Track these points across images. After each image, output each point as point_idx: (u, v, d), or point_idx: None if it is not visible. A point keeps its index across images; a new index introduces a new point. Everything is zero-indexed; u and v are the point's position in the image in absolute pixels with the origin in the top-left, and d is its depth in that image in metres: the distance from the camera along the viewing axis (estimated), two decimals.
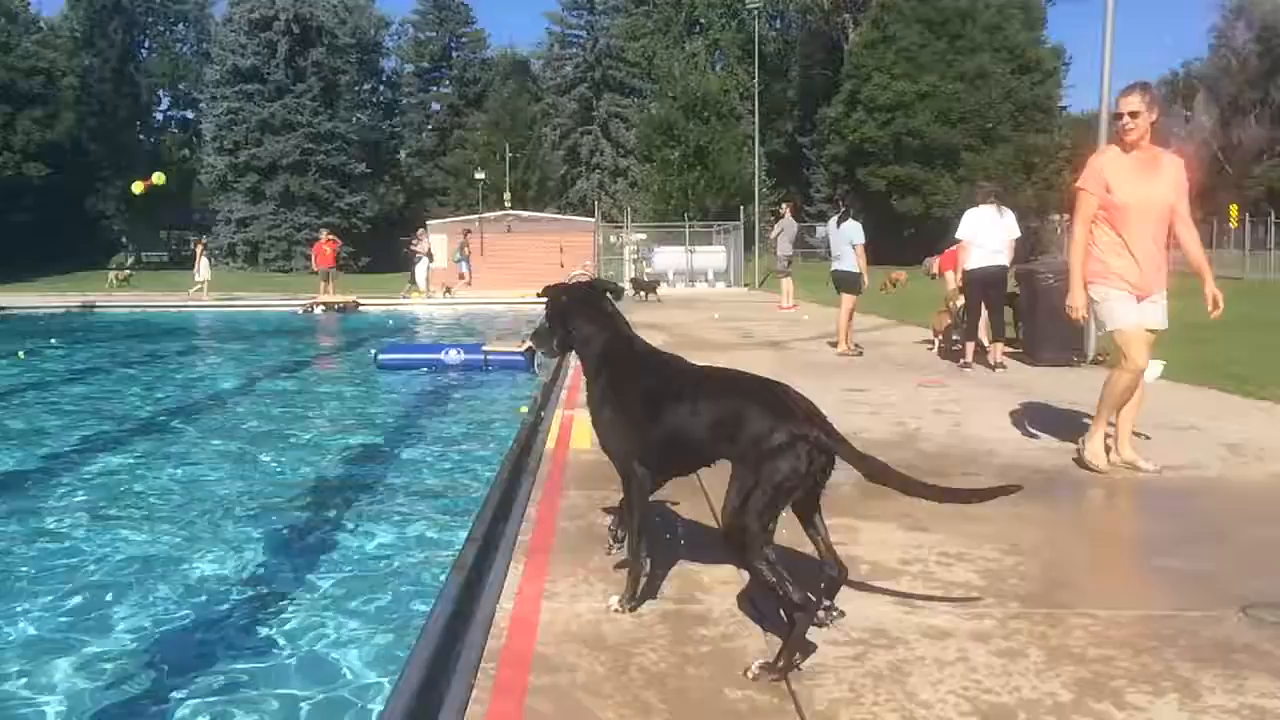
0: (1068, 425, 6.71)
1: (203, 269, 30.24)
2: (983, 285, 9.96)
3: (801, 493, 3.03)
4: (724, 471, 3.10)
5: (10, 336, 17.19)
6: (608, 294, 3.69)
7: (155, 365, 14.62)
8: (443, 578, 4.00)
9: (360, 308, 25.34)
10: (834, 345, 11.89)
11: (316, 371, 14.76)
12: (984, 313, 10.16)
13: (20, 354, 12.38)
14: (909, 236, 41.92)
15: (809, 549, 3.29)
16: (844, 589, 3.53)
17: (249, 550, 5.44)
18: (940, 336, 11.66)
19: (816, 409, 3.09)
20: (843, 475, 5.68)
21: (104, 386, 12.26)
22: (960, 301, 10.78)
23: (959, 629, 3.18)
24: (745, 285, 32.74)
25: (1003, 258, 9.91)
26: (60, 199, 49.07)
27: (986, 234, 9.87)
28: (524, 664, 2.92)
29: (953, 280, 11.43)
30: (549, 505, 4.73)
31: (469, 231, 32.64)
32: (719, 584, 3.60)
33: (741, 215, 34.35)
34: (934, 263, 12.75)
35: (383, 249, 53.41)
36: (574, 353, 3.70)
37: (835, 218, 12.26)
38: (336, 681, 3.79)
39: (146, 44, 67.77)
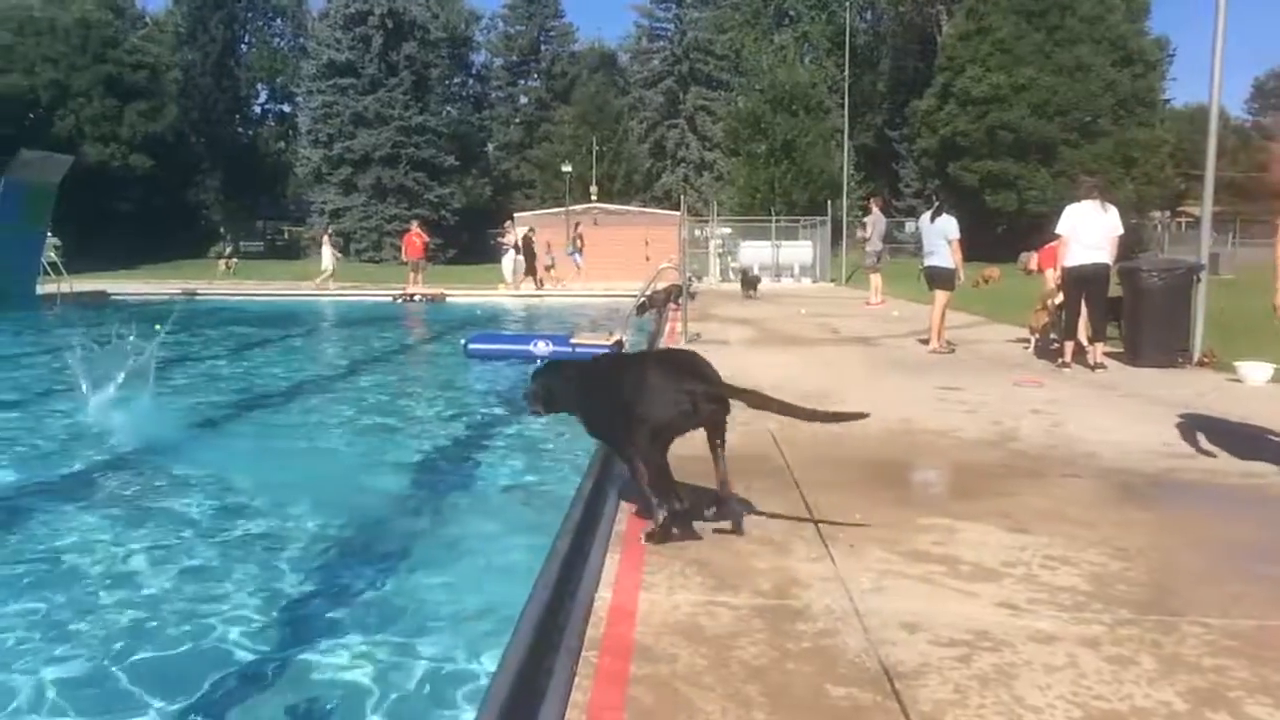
0: (1173, 428, 6.51)
1: (326, 258, 30.93)
2: (1082, 282, 9.68)
3: (693, 428, 3.96)
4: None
5: (118, 322, 17.86)
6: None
7: (259, 350, 15.18)
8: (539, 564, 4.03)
9: (447, 299, 25.76)
10: (925, 342, 11.71)
11: (410, 357, 15.26)
12: (1084, 311, 9.89)
13: (130, 339, 12.83)
14: (1001, 232, 40.96)
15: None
16: (946, 590, 3.50)
17: (346, 520, 5.59)
18: (1038, 335, 11.39)
19: (712, 370, 4.03)
20: (934, 475, 5.65)
21: (212, 368, 12.75)
22: (1059, 299, 10.52)
23: (1066, 634, 3.11)
24: (832, 280, 32.40)
25: (1104, 254, 9.61)
26: (162, 189, 50.89)
27: (1087, 229, 9.59)
28: (625, 653, 2.93)
29: (1051, 278, 11.16)
30: (640, 511, 4.74)
31: (580, 224, 32.88)
32: (817, 580, 3.58)
33: (829, 210, 33.93)
34: (1031, 259, 12.42)
35: (470, 241, 54.21)
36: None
37: (928, 212, 12.06)
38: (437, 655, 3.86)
39: (246, 39, 69.74)
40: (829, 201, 35.58)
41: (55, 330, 17.44)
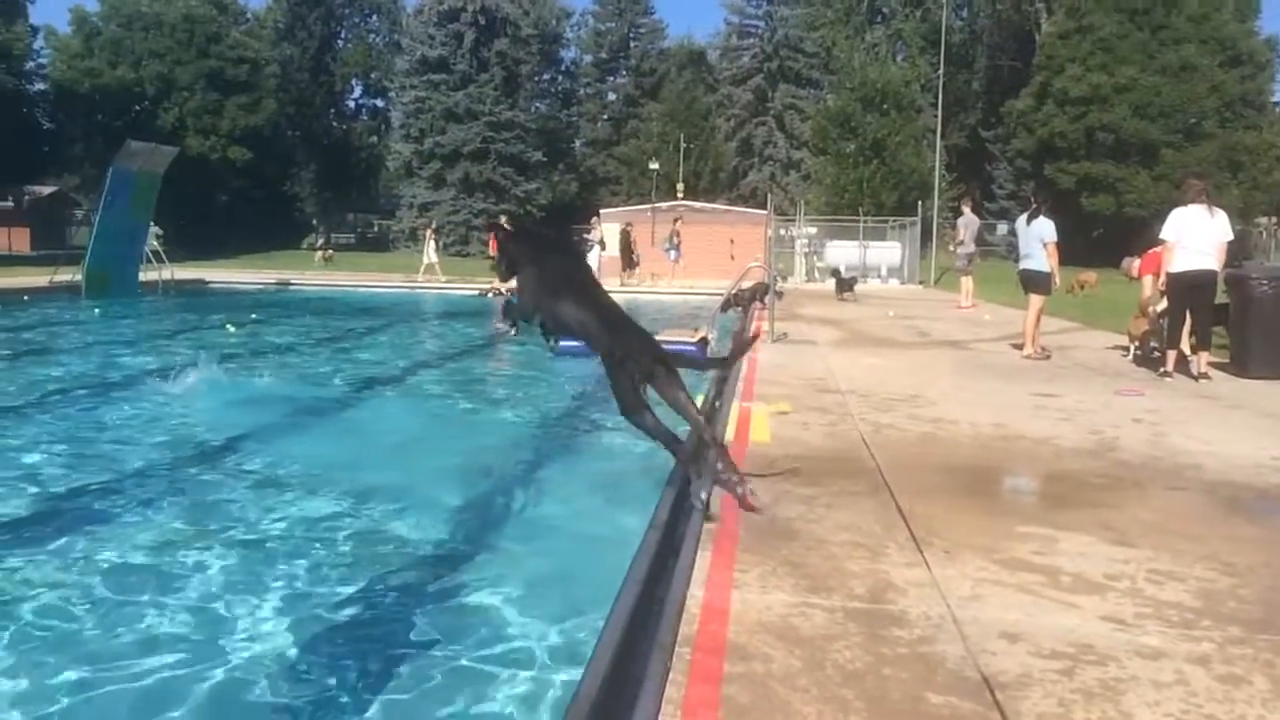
0: None
1: (429, 252, 31.54)
2: (1189, 289, 9.35)
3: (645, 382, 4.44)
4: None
5: (217, 310, 18.45)
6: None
7: (349, 340, 15.52)
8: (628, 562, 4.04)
9: None
10: (1018, 347, 11.44)
11: (497, 351, 15.47)
12: (1187, 319, 9.56)
13: (229, 327, 13.25)
14: (1098, 237, 39.86)
15: None
16: (1047, 601, 3.42)
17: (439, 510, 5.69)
18: (1138, 343, 11.05)
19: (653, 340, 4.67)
20: (1031, 483, 5.51)
21: (304, 356, 13.10)
22: (1161, 306, 10.18)
23: (1174, 650, 3.01)
24: (920, 283, 31.89)
25: (1211, 261, 9.25)
26: (259, 182, 52.39)
27: (1194, 235, 9.25)
28: (718, 651, 2.92)
29: (1150, 285, 10.82)
30: (730, 496, 4.71)
31: (679, 219, 32.82)
32: (912, 586, 3.52)
33: (919, 210, 33.35)
34: (1134, 264, 12.04)
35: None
36: None
37: (1025, 214, 11.78)
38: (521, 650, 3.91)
39: (342, 35, 71.19)
40: (919, 202, 35.01)
41: (159, 316, 18.05)
